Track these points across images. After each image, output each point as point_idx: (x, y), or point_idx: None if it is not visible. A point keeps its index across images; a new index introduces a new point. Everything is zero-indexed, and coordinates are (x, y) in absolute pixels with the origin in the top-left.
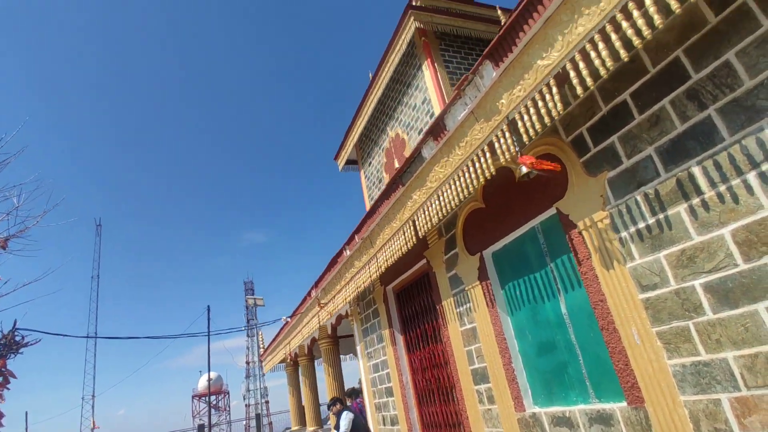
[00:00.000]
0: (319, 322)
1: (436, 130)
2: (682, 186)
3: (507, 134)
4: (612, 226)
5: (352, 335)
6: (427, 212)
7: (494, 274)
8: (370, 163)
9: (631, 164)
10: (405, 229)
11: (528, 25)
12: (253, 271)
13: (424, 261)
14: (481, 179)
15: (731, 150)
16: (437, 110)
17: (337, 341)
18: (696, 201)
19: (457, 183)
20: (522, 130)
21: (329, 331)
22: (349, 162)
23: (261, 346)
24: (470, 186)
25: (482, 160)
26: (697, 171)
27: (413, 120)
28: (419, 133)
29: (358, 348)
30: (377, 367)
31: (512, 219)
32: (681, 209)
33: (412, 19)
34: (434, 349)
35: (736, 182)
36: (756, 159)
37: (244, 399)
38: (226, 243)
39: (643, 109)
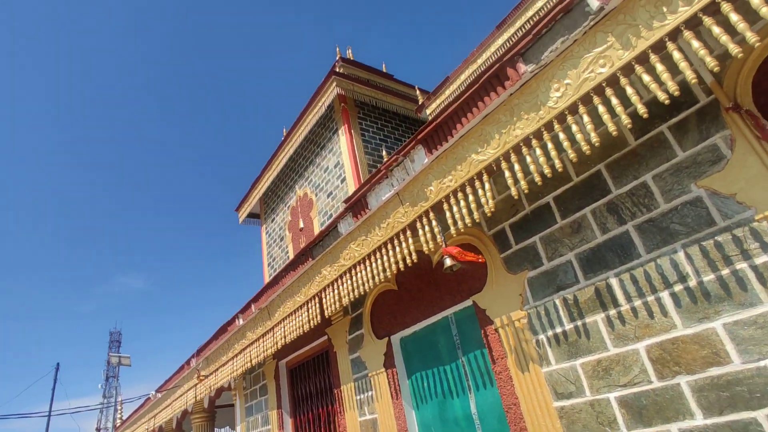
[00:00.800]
0: (195, 396)
1: (357, 206)
2: (600, 295)
3: (433, 222)
4: (530, 326)
5: (231, 404)
6: (336, 290)
7: (401, 361)
8: (273, 219)
9: (552, 267)
10: (310, 305)
11: (466, 118)
12: (124, 320)
13: (324, 338)
14: (401, 264)
15: (647, 267)
16: (349, 176)
17: (213, 415)
18: (613, 312)
19: (374, 264)
20: (450, 221)
21: (205, 405)
22: (251, 215)
23: (119, 417)
24: (387, 269)
25: (404, 244)
26: (614, 282)
27: (324, 182)
28: (328, 196)
29: (239, 428)
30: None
31: (425, 305)
32: (598, 318)
33: (334, 84)
34: None
35: (651, 299)
36: (669, 279)
37: None
38: (95, 287)
39: (565, 215)
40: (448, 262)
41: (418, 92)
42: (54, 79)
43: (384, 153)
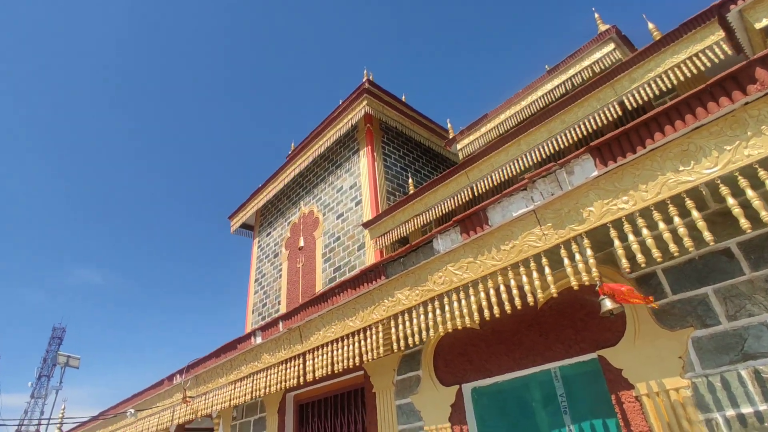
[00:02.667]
0: (173, 419)
1: (472, 221)
2: None
3: (588, 251)
4: (695, 400)
5: (209, 429)
6: (413, 320)
7: (473, 419)
8: (269, 233)
9: (734, 327)
10: (368, 333)
11: (671, 127)
12: (73, 318)
13: (359, 372)
14: (527, 298)
15: None
16: (366, 200)
17: None
18: None
19: (479, 295)
20: (620, 252)
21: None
22: (244, 226)
23: (59, 423)
24: (497, 304)
25: (534, 274)
26: None
27: (335, 202)
28: (338, 218)
29: None
30: None
31: (520, 352)
32: None
33: (365, 103)
34: None
35: None
36: None
37: None
38: (48, 276)
39: (758, 265)
40: (609, 304)
41: (449, 126)
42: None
43: (410, 180)
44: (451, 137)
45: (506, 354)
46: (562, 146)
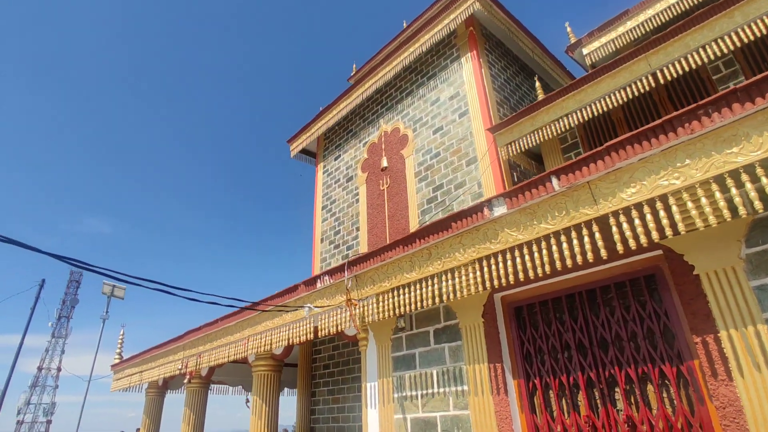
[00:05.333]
0: (310, 331)
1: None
2: None
3: None
4: None
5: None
6: None
7: None
8: (339, 157)
9: None
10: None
11: None
12: (92, 260)
13: (653, 253)
14: None
15: None
16: (474, 109)
17: (281, 368)
18: None
19: None
20: None
21: (280, 353)
22: (304, 152)
23: (119, 346)
24: None
25: None
26: None
27: (429, 115)
28: (435, 132)
29: (371, 386)
30: (430, 425)
31: None
32: None
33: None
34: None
35: None
36: None
37: (18, 413)
38: (61, 224)
39: None
40: None
41: (568, 29)
42: None
43: (538, 84)
44: (574, 42)
45: None
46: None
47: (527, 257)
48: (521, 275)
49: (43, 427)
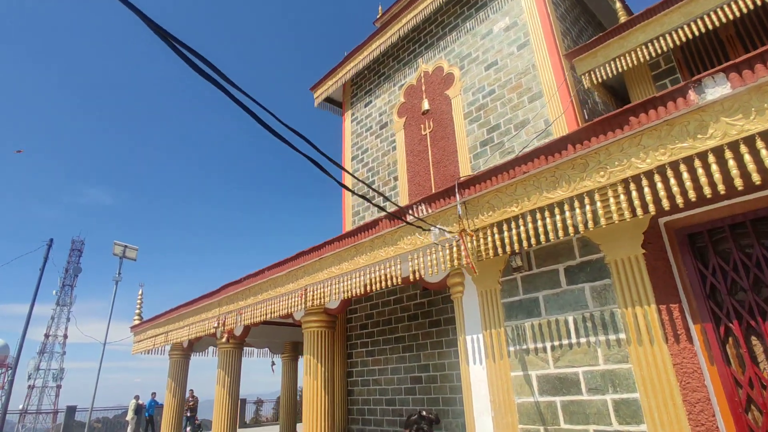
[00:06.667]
0: (396, 274)
1: None
2: None
3: None
4: None
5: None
6: None
7: None
8: (370, 103)
9: None
10: None
11: None
12: (89, 232)
13: None
14: None
15: None
16: (539, 38)
17: (334, 324)
18: None
19: None
20: None
21: (336, 306)
22: (328, 100)
23: (138, 307)
24: None
25: None
26: None
27: (480, 50)
28: (489, 68)
29: (475, 338)
30: (569, 382)
31: None
32: None
33: None
34: None
35: None
36: None
37: (29, 378)
38: (62, 195)
39: None
40: None
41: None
42: None
43: (618, 4)
44: None
45: None
46: None
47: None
48: (737, 181)
49: (53, 392)
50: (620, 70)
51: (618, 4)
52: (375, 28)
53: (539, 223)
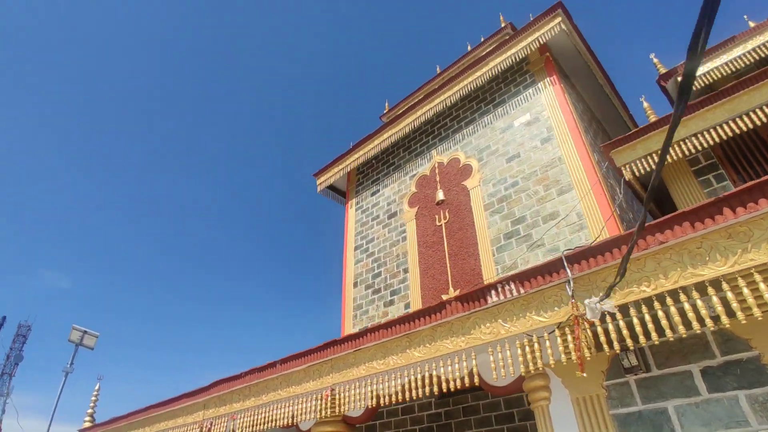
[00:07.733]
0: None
1: None
2: None
3: None
4: None
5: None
6: None
7: None
8: (377, 191)
9: None
10: None
11: None
12: (40, 319)
13: None
14: None
15: None
16: (564, 132)
17: None
18: None
19: None
20: None
21: (360, 414)
22: (331, 188)
23: (91, 406)
24: None
25: None
26: None
27: (500, 143)
28: (510, 160)
29: None
30: None
31: None
32: None
33: (557, 21)
34: None
35: None
36: None
37: None
38: (14, 274)
39: None
40: None
41: (654, 60)
42: None
43: (645, 104)
44: (665, 72)
45: None
46: None
47: None
48: None
49: None
50: (650, 167)
51: (645, 104)
52: (381, 122)
53: (672, 309)
